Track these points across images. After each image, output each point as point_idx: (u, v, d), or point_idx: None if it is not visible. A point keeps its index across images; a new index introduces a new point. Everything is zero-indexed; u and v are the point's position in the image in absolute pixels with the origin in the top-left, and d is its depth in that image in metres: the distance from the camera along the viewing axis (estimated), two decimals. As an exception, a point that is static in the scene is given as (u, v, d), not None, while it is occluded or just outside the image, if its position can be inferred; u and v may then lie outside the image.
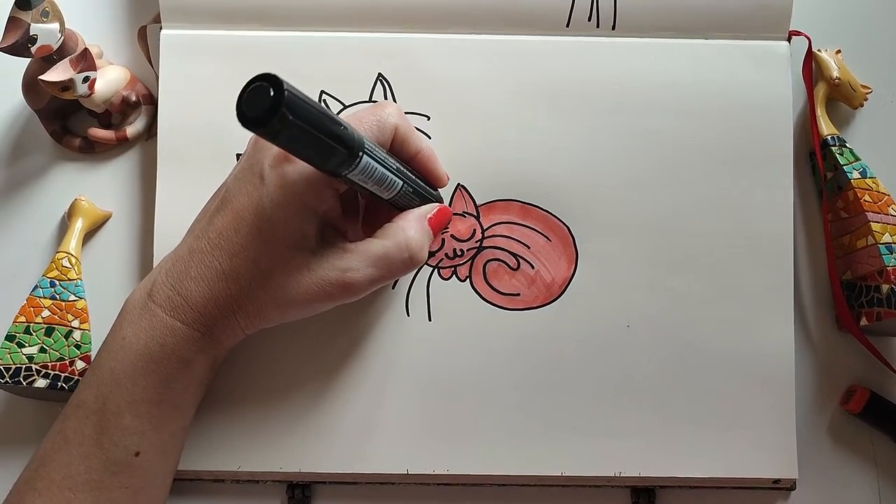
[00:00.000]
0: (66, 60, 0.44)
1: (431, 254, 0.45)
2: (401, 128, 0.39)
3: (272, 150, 0.37)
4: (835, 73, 0.48)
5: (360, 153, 0.35)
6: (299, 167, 0.36)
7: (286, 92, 0.30)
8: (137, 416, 0.37)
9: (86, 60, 0.45)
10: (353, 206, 0.42)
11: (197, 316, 0.38)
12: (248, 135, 0.45)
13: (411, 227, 0.39)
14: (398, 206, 0.40)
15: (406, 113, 0.46)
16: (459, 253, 0.45)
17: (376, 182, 0.37)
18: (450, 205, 0.45)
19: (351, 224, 0.41)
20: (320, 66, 0.46)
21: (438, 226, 0.41)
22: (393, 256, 0.38)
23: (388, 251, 0.38)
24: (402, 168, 0.39)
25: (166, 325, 0.37)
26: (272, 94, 0.30)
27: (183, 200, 0.45)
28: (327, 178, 0.37)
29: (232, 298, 0.37)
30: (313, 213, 0.37)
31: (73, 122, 0.49)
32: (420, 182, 0.41)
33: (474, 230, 0.46)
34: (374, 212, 0.42)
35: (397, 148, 0.39)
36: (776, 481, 0.45)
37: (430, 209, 0.40)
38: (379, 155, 0.36)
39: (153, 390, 0.38)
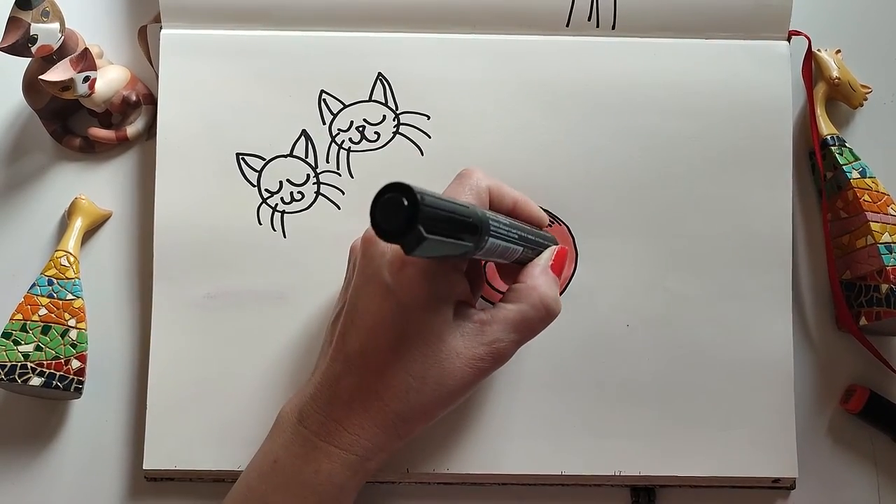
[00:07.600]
0: (66, 60, 0.44)
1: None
2: (493, 187, 0.38)
3: (385, 256, 0.36)
4: (834, 73, 0.48)
5: (487, 237, 0.34)
6: (421, 265, 0.35)
7: (421, 206, 0.29)
8: None
9: (86, 60, 0.45)
10: (472, 273, 0.41)
11: (355, 439, 0.37)
12: (248, 136, 0.46)
13: (540, 282, 0.38)
14: (520, 262, 0.39)
15: (406, 112, 0.46)
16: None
17: (499, 255, 0.36)
18: None
19: (475, 291, 0.40)
20: (320, 66, 0.46)
21: (560, 269, 0.40)
22: (531, 317, 0.38)
23: (526, 314, 0.37)
24: (514, 223, 0.37)
25: (322, 451, 0.37)
26: (406, 204, 0.29)
27: (182, 200, 0.45)
28: (452, 264, 0.36)
29: (393, 414, 0.37)
30: (448, 302, 0.36)
31: (73, 122, 0.49)
32: (528, 230, 0.39)
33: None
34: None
35: (495, 206, 0.39)
36: (776, 481, 0.45)
37: (549, 257, 0.40)
38: (503, 229, 0.35)
39: None
